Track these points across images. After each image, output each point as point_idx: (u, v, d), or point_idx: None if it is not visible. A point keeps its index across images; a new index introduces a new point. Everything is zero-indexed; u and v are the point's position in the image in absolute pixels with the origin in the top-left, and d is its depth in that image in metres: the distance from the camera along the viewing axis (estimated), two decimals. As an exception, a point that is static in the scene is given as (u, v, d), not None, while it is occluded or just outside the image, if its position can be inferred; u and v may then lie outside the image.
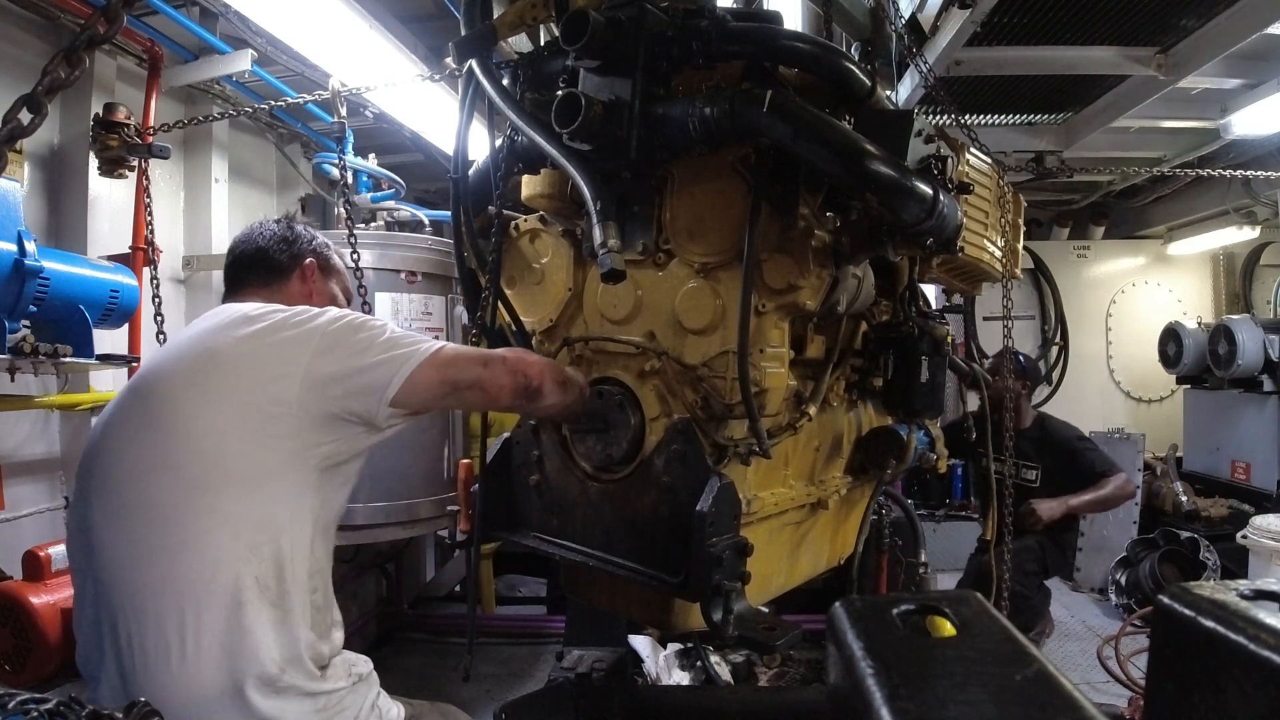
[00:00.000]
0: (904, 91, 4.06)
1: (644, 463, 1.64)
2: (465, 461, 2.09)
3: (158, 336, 3.14)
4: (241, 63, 3.69)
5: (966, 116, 4.31)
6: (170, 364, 1.42)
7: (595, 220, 1.42)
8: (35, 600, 2.54)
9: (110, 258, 3.21)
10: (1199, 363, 5.72)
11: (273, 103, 3.64)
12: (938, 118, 4.55)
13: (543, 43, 2.22)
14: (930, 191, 1.43)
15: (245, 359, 1.36)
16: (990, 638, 0.52)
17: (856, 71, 1.54)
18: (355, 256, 3.16)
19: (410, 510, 3.70)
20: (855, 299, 1.74)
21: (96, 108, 3.27)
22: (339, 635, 1.50)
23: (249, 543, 1.30)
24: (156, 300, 3.17)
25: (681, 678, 3.26)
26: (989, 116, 5.15)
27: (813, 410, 1.73)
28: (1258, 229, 6.28)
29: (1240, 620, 0.47)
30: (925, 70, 3.31)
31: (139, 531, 1.29)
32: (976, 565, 3.96)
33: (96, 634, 1.34)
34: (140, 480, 1.32)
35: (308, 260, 1.75)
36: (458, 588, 5.26)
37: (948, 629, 0.54)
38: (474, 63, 1.72)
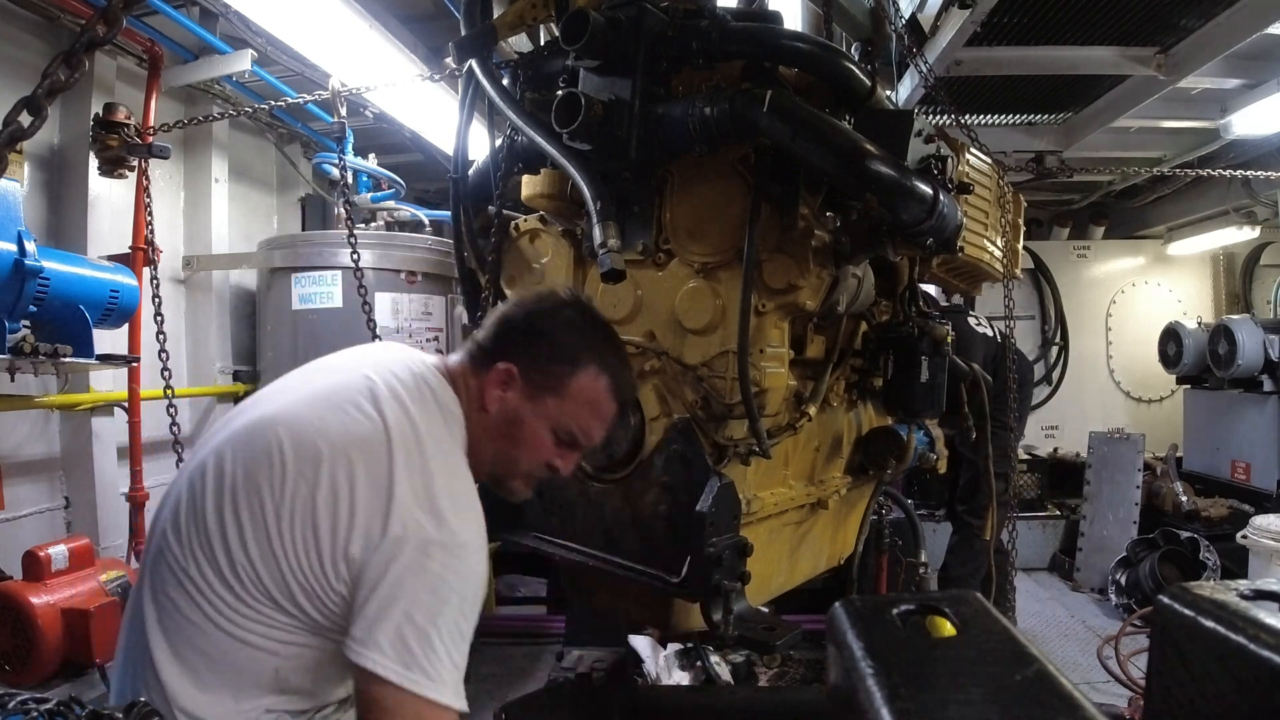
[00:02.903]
0: (904, 91, 4.06)
1: (644, 463, 1.64)
2: (465, 461, 2.09)
3: (158, 336, 3.14)
4: (241, 63, 3.70)
5: (966, 116, 4.30)
6: (289, 417, 1.18)
7: (595, 220, 1.42)
8: (35, 600, 2.54)
9: (110, 258, 3.21)
10: (1199, 363, 5.72)
11: (273, 103, 3.64)
12: (938, 118, 4.54)
13: (543, 43, 2.22)
14: (930, 191, 1.43)
15: (327, 476, 1.12)
16: (990, 638, 0.52)
17: (856, 72, 1.54)
18: (355, 256, 3.17)
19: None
20: (855, 299, 1.74)
21: (96, 108, 3.27)
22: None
23: (288, 658, 1.15)
24: (156, 300, 3.17)
25: (681, 678, 3.26)
26: (989, 116, 5.14)
27: (813, 410, 1.73)
28: (1258, 229, 6.28)
29: (1240, 620, 0.47)
30: (925, 70, 3.31)
31: (183, 602, 1.14)
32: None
33: (129, 660, 1.21)
34: (213, 538, 1.13)
35: (502, 365, 1.29)
36: (458, 588, 5.24)
37: (948, 629, 0.54)
38: (474, 63, 1.72)
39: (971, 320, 4.18)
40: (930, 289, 3.61)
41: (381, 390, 1.20)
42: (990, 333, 4.20)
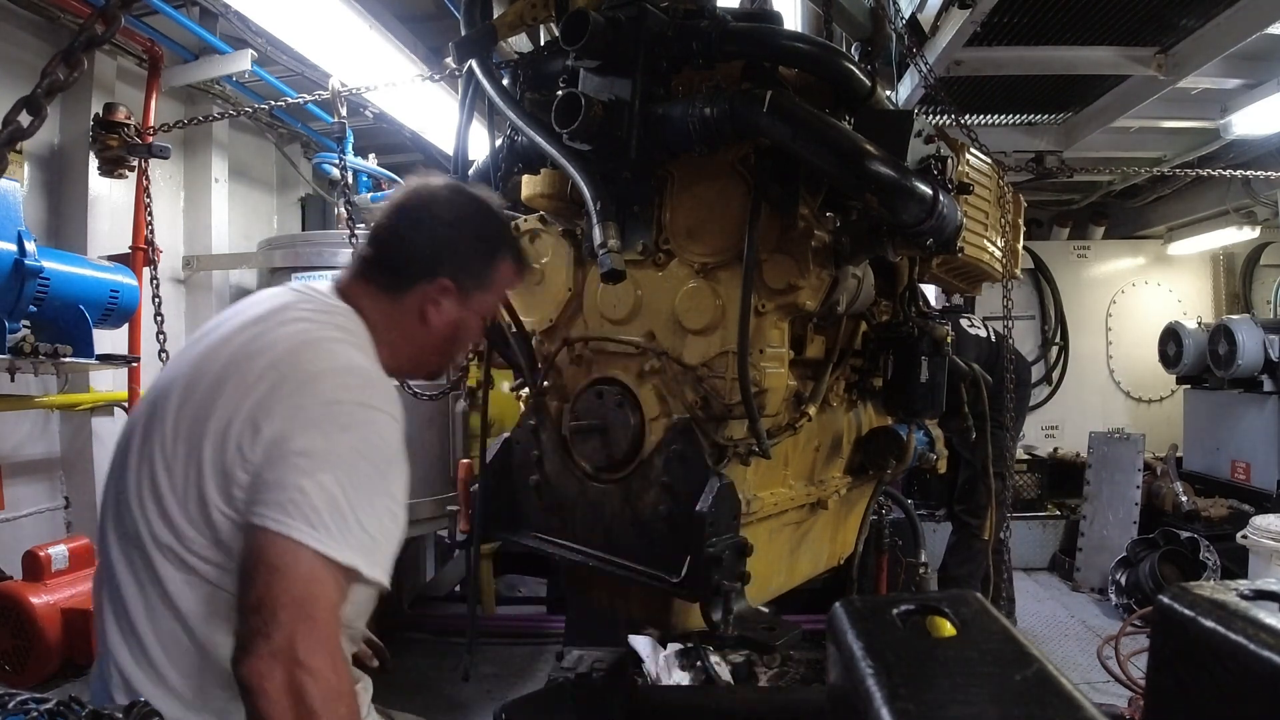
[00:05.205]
0: (904, 91, 4.06)
1: (644, 463, 1.64)
2: (465, 461, 2.10)
3: (158, 336, 3.15)
4: (241, 63, 3.69)
5: (966, 116, 4.30)
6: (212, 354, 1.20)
7: (595, 220, 1.42)
8: (35, 600, 2.54)
9: (110, 258, 3.21)
10: (1199, 363, 5.72)
11: (273, 103, 3.65)
12: (938, 118, 4.54)
13: (543, 43, 2.22)
14: (930, 192, 1.43)
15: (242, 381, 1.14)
16: (990, 638, 0.52)
17: (856, 72, 1.54)
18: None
19: (410, 510, 3.68)
20: (855, 299, 1.74)
21: (96, 108, 3.27)
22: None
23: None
24: (156, 300, 3.18)
25: (681, 678, 3.26)
26: (989, 116, 5.14)
27: (813, 410, 1.73)
28: (1258, 229, 6.27)
29: (1240, 620, 0.47)
30: (925, 70, 3.31)
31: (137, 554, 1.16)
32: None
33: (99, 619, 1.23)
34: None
35: (442, 280, 1.31)
36: (458, 588, 5.26)
37: (948, 629, 0.54)
38: (474, 63, 1.72)
39: (964, 321, 4.18)
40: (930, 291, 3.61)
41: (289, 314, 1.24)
42: (984, 334, 4.20)
